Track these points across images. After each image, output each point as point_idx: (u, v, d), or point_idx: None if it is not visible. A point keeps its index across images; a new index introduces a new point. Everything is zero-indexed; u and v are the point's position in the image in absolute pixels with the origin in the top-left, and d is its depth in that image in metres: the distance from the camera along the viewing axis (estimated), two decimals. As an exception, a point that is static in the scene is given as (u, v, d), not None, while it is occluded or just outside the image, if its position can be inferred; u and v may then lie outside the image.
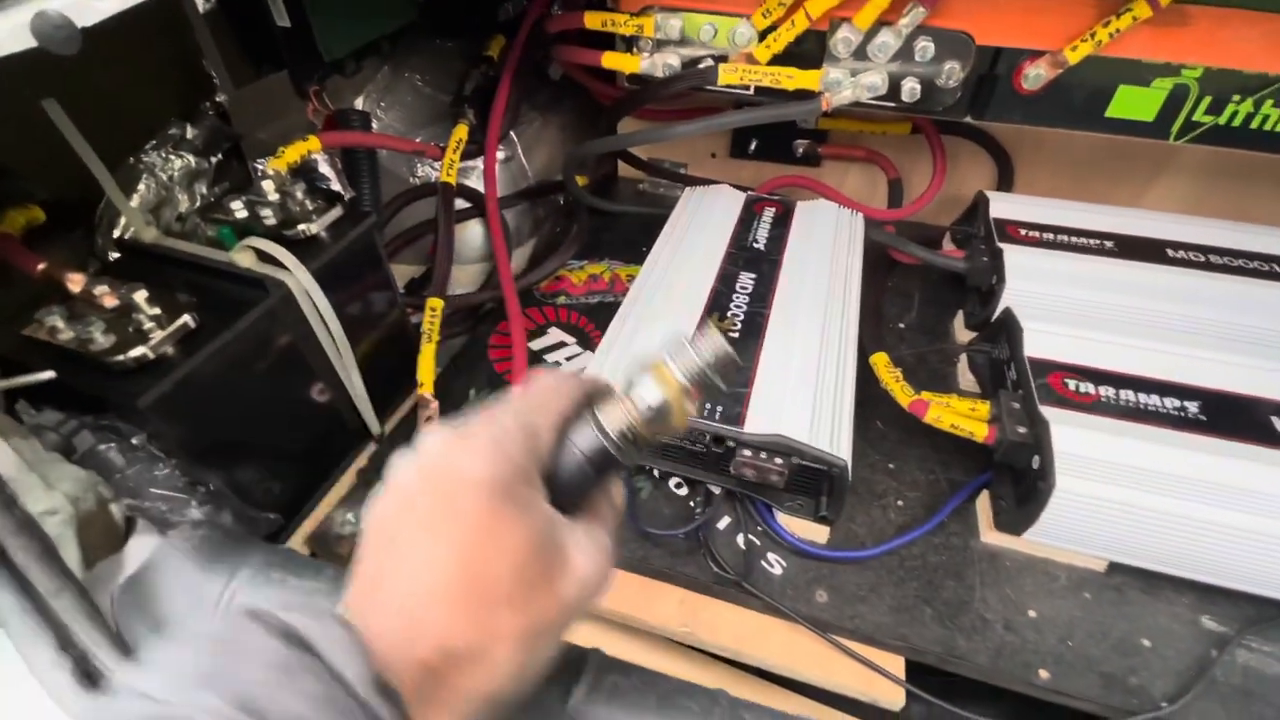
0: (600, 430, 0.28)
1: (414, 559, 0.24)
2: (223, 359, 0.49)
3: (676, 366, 0.28)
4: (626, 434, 0.28)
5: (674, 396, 0.27)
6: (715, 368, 0.28)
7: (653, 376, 0.28)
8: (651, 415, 0.28)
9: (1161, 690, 0.48)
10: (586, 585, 0.26)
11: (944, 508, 0.58)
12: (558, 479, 0.28)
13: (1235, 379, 0.57)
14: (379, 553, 0.25)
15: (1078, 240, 0.73)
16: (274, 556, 0.37)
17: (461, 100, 0.82)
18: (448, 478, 0.25)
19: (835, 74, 0.64)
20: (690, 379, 0.28)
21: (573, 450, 0.28)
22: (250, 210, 0.56)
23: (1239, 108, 0.59)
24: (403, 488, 0.26)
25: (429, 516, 0.24)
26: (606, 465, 0.28)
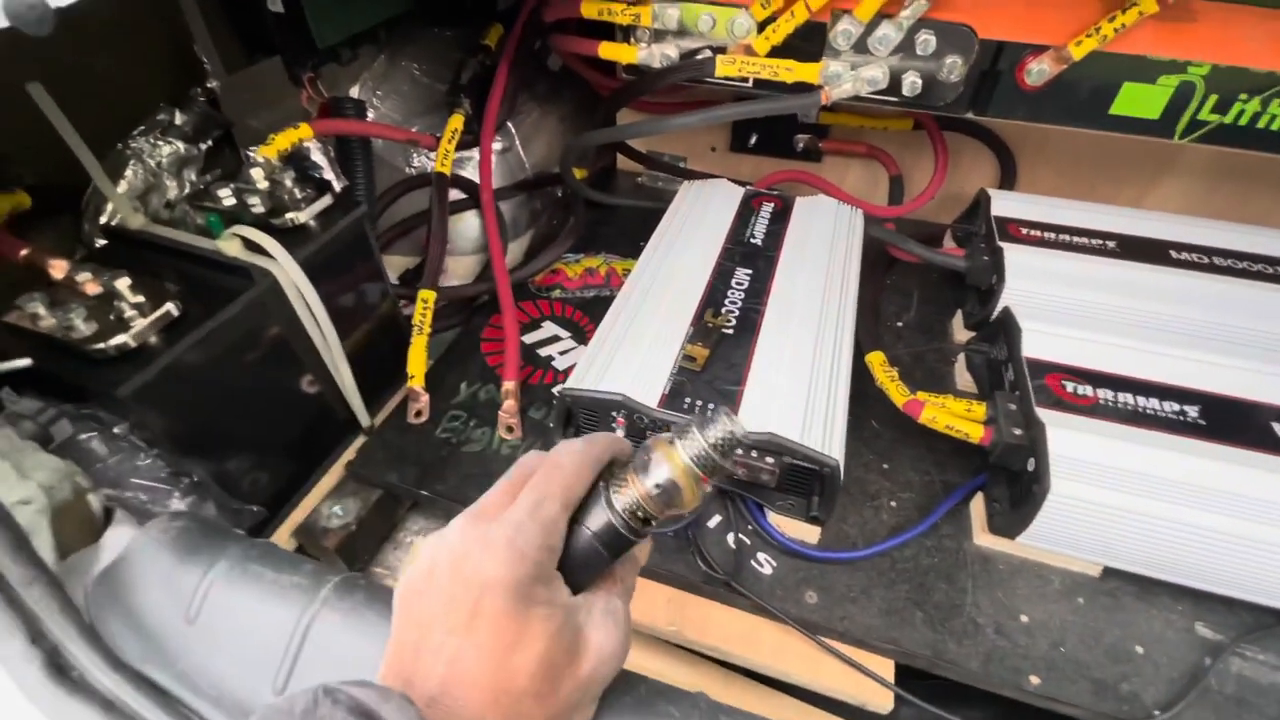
0: (611, 509, 0.29)
1: (444, 656, 0.26)
2: (207, 348, 0.49)
3: (683, 448, 0.28)
4: (637, 513, 0.28)
5: (681, 477, 0.28)
6: (721, 450, 0.28)
7: (662, 454, 0.28)
8: (659, 494, 0.28)
9: (1154, 698, 0.47)
10: (605, 660, 0.28)
11: (937, 509, 0.57)
12: (570, 561, 0.29)
13: (1236, 383, 0.56)
14: (412, 642, 0.27)
15: (1079, 240, 0.72)
16: (253, 550, 0.37)
17: (458, 89, 0.81)
18: (470, 579, 0.27)
19: (835, 67, 0.63)
20: (696, 461, 0.28)
21: (585, 532, 0.29)
22: (238, 198, 0.55)
23: (1246, 106, 0.58)
24: (432, 579, 0.28)
25: (455, 616, 0.26)
26: (618, 544, 0.29)
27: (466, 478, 0.60)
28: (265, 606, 0.34)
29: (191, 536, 0.37)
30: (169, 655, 0.34)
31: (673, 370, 0.57)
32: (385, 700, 0.24)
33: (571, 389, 0.56)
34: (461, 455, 0.62)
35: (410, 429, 0.64)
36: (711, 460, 0.28)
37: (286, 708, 0.24)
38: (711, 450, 0.28)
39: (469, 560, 0.27)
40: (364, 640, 0.32)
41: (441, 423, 0.65)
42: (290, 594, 0.34)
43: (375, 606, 0.33)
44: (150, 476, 0.46)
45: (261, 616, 0.34)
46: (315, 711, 0.23)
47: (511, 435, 0.63)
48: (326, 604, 0.33)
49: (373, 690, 0.24)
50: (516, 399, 0.64)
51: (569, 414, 0.58)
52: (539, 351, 0.74)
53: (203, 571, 0.35)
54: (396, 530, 0.64)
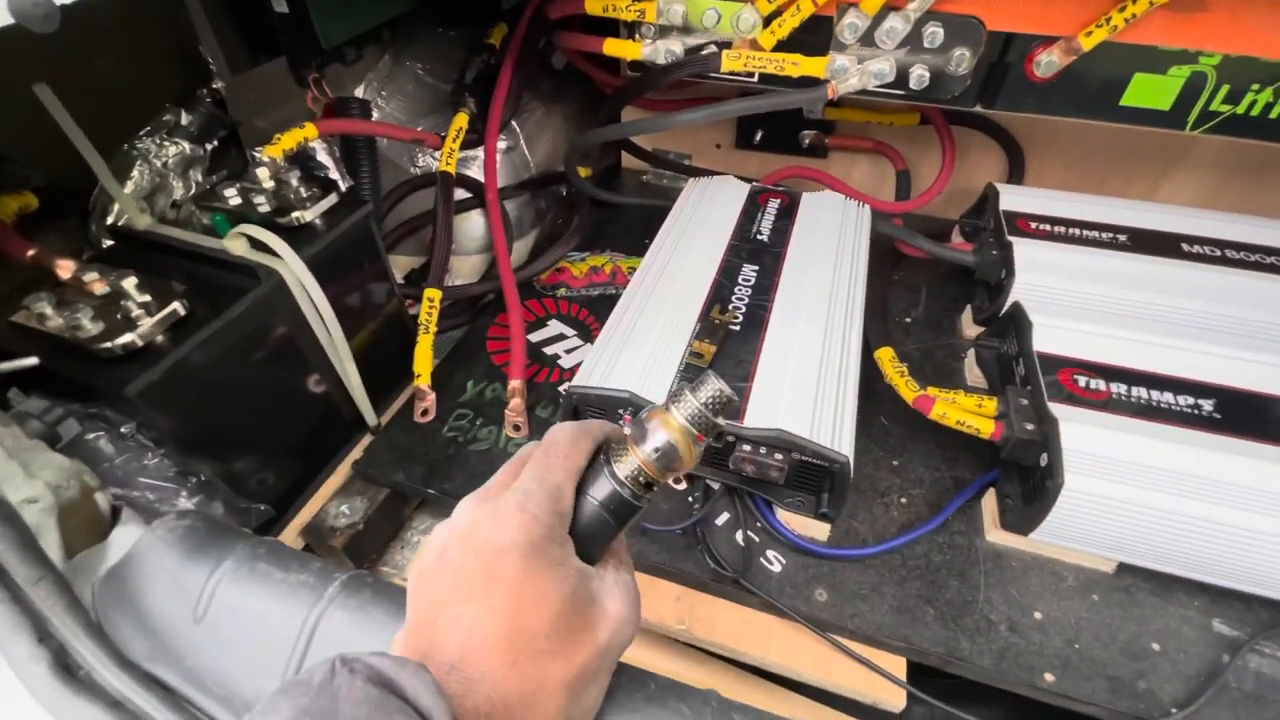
0: (614, 478, 0.30)
1: (461, 622, 0.26)
2: (214, 347, 0.48)
3: (678, 410, 0.30)
4: (639, 479, 0.30)
5: (679, 438, 0.29)
6: (714, 408, 0.30)
7: (658, 421, 0.30)
8: (659, 457, 0.29)
9: (1171, 695, 0.47)
10: (621, 628, 0.28)
11: (948, 506, 0.57)
12: (580, 530, 0.30)
13: (1251, 376, 0.55)
14: (427, 620, 0.27)
15: (1090, 234, 0.72)
16: (260, 548, 0.36)
17: (462, 88, 0.81)
18: (483, 548, 0.27)
19: (842, 61, 0.63)
20: (691, 420, 0.29)
21: (591, 501, 0.30)
22: (244, 197, 0.55)
23: (1258, 97, 0.57)
24: (443, 558, 0.28)
25: (471, 584, 0.26)
26: (624, 511, 0.30)
27: (473, 476, 0.59)
28: (272, 605, 0.34)
29: (198, 535, 0.37)
30: (176, 654, 0.34)
31: (680, 367, 0.56)
32: (401, 667, 0.24)
33: (578, 386, 0.56)
34: (468, 454, 0.62)
35: (417, 428, 0.64)
36: (705, 418, 0.30)
37: (305, 679, 0.23)
38: (704, 409, 0.29)
39: (479, 531, 0.28)
40: (372, 638, 0.32)
41: (448, 421, 0.65)
42: (297, 592, 0.34)
43: (382, 604, 0.33)
44: (158, 476, 0.46)
45: (269, 615, 0.33)
46: (333, 681, 0.23)
47: (518, 433, 0.63)
48: (334, 602, 0.33)
49: (388, 659, 0.24)
50: (523, 397, 0.63)
51: (576, 412, 0.57)
52: (545, 350, 0.74)
53: (209, 570, 0.35)
54: (404, 529, 0.64)
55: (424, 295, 0.67)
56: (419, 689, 0.23)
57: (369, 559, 0.60)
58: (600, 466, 0.30)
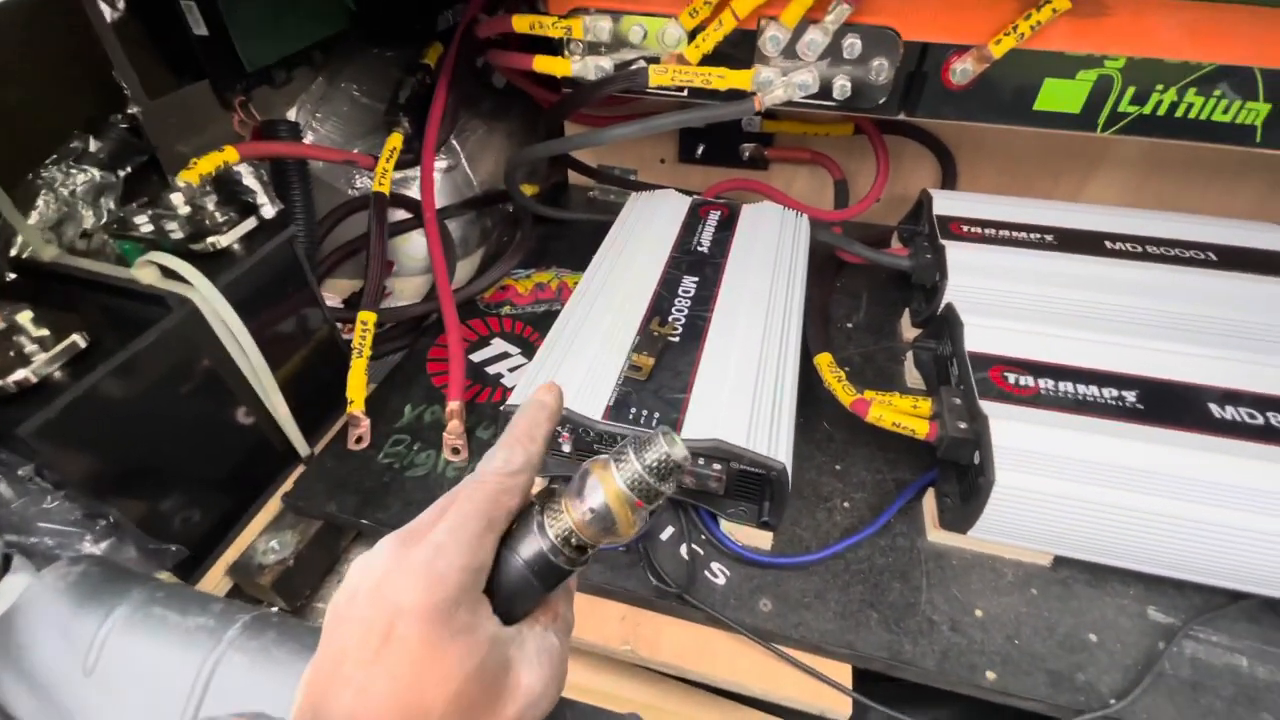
0: (544, 535, 0.26)
1: (353, 686, 0.24)
2: (121, 381, 0.46)
3: (618, 471, 0.26)
4: (570, 540, 0.26)
5: (615, 503, 0.26)
6: (658, 473, 0.26)
7: (597, 478, 0.26)
8: (593, 519, 0.26)
9: (1109, 686, 0.47)
10: (536, 702, 0.26)
11: (889, 508, 0.57)
12: (500, 589, 0.26)
13: (1172, 367, 0.57)
14: (326, 671, 0.25)
15: (1018, 235, 0.74)
16: (158, 592, 0.34)
17: (396, 108, 0.80)
18: (385, 604, 0.25)
19: (767, 73, 0.64)
20: (631, 485, 0.26)
21: (515, 560, 0.26)
22: (156, 224, 0.53)
23: (1163, 97, 0.60)
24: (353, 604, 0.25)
25: (368, 645, 0.24)
26: (551, 574, 0.27)
27: (409, 504, 0.58)
28: (167, 652, 0.32)
29: (91, 581, 0.35)
30: (65, 710, 0.32)
31: (618, 381, 0.56)
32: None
33: (514, 405, 0.54)
34: (404, 481, 0.60)
35: (350, 456, 0.62)
36: (648, 485, 0.26)
37: None
38: (647, 474, 0.26)
39: (386, 584, 0.25)
40: (273, 681, 0.30)
41: (384, 448, 0.63)
42: (194, 637, 0.32)
43: (286, 644, 0.32)
44: (60, 520, 0.44)
45: (162, 663, 0.31)
46: None
47: (457, 457, 0.61)
48: (233, 645, 0.31)
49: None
50: (462, 419, 0.62)
51: (513, 431, 0.56)
52: (487, 369, 0.73)
53: (101, 618, 0.33)
54: (340, 563, 0.62)
55: (358, 319, 0.65)
56: None
57: (302, 595, 0.58)
58: (531, 517, 0.27)
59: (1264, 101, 0.59)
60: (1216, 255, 0.71)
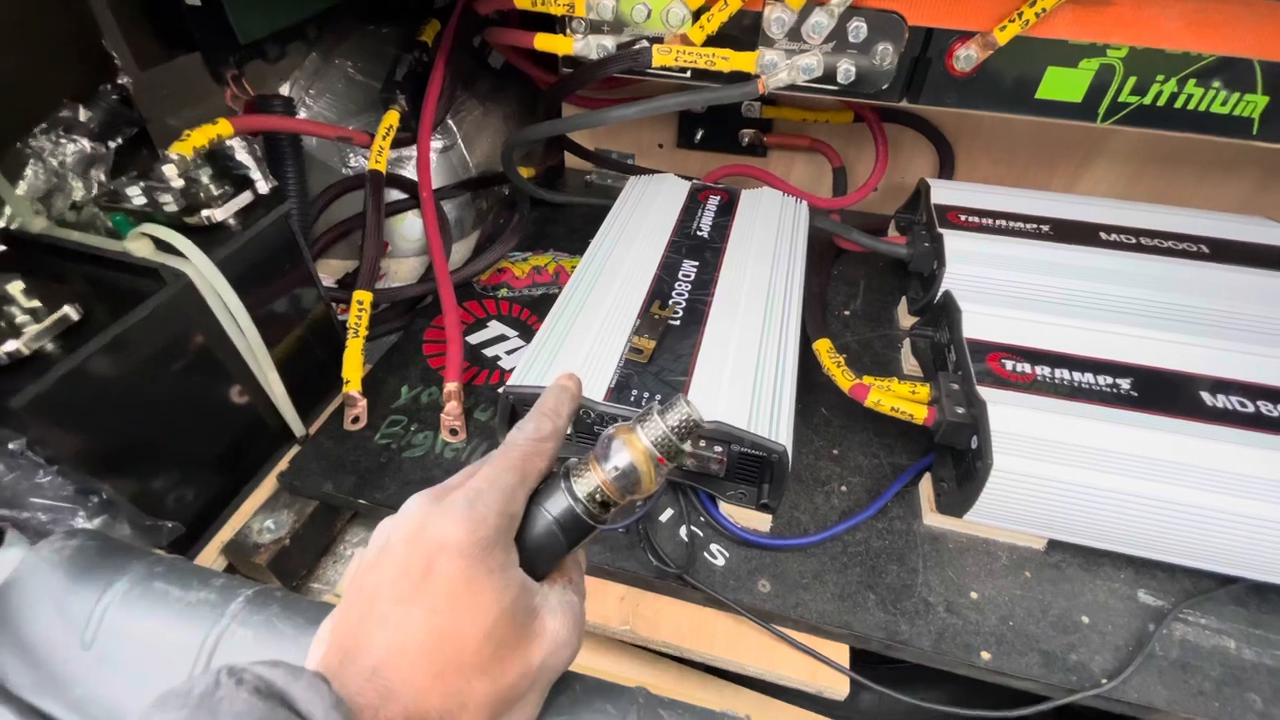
0: (570, 494, 0.29)
1: (390, 623, 0.25)
2: (114, 355, 0.45)
3: (643, 431, 0.29)
4: (596, 497, 0.29)
5: (641, 460, 0.28)
6: (680, 433, 0.29)
7: (621, 440, 0.29)
8: (618, 477, 0.28)
9: (1101, 666, 0.48)
10: (558, 649, 0.27)
11: (886, 492, 0.57)
12: (528, 543, 0.28)
13: (1165, 355, 0.57)
14: (357, 614, 0.25)
15: (1015, 225, 0.74)
16: (157, 566, 0.34)
17: (393, 85, 0.79)
18: (426, 543, 0.26)
19: (771, 56, 0.63)
20: (655, 444, 0.29)
21: (544, 515, 0.29)
22: (149, 197, 0.52)
23: (1163, 87, 0.60)
24: (385, 551, 0.26)
25: (407, 581, 0.25)
26: (577, 529, 0.29)
27: (407, 484, 0.57)
28: (168, 626, 0.31)
29: (87, 555, 0.34)
30: (63, 684, 0.31)
31: (619, 363, 0.55)
32: (295, 678, 0.22)
33: (515, 386, 0.54)
34: (402, 461, 0.59)
35: (347, 436, 0.61)
36: (671, 443, 0.29)
37: (185, 689, 0.21)
38: (671, 433, 0.29)
39: (426, 526, 0.26)
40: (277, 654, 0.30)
41: (381, 428, 0.62)
42: (197, 611, 0.31)
43: (291, 619, 0.31)
44: (52, 495, 0.43)
45: (164, 637, 0.31)
46: (215, 693, 0.21)
47: (455, 438, 0.61)
48: (236, 619, 0.31)
49: (282, 669, 0.22)
50: (460, 400, 0.61)
51: (513, 412, 0.56)
52: (485, 352, 0.72)
53: (99, 592, 0.33)
54: (335, 543, 0.61)
55: (353, 298, 0.65)
56: (313, 702, 0.21)
57: (298, 576, 0.57)
58: (558, 479, 0.29)
59: (1262, 94, 0.59)
60: (1208, 248, 0.72)
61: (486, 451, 0.60)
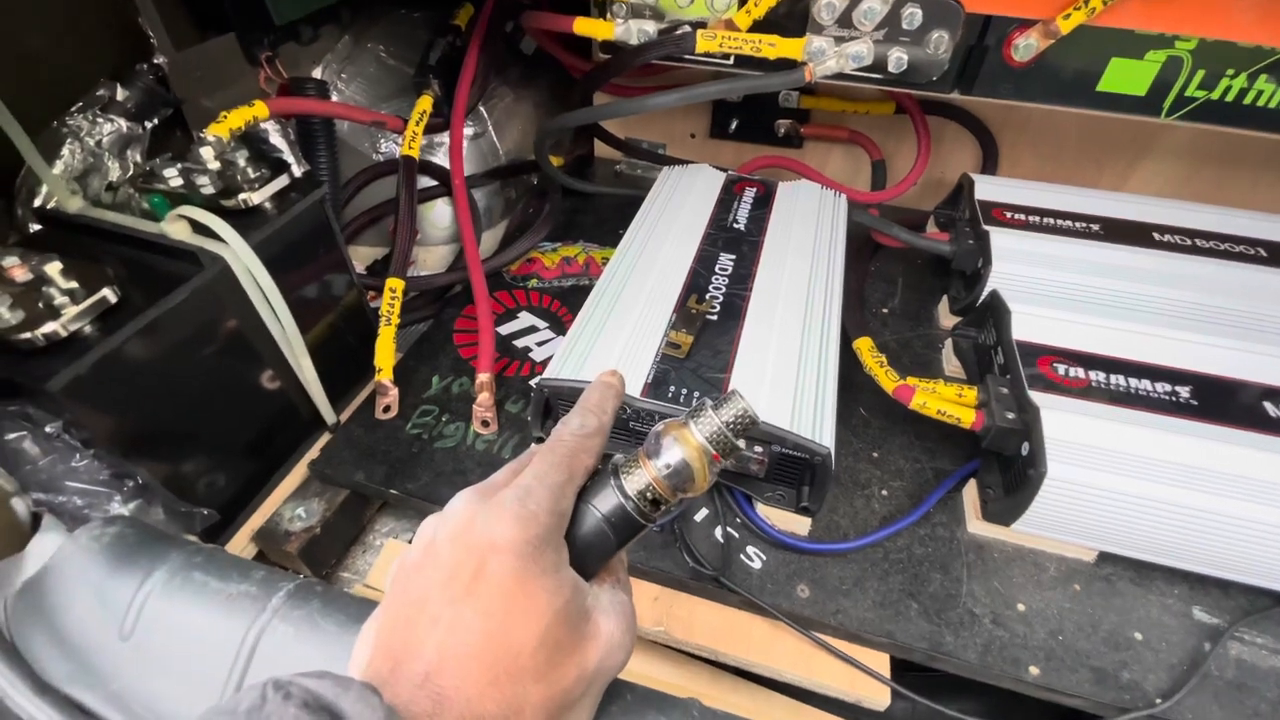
0: (621, 491, 0.28)
1: (441, 626, 0.24)
2: (151, 339, 0.45)
3: (697, 427, 0.28)
4: (647, 495, 0.28)
5: (694, 457, 0.28)
6: (735, 429, 0.28)
7: (674, 437, 0.28)
8: (670, 474, 0.28)
9: (1155, 685, 0.46)
10: (613, 651, 0.26)
11: (929, 497, 0.56)
12: (578, 541, 0.28)
13: (1224, 362, 0.55)
14: (405, 617, 0.25)
15: (1063, 223, 0.72)
16: (196, 556, 0.33)
17: (426, 70, 0.78)
18: (476, 542, 0.25)
19: (819, 43, 0.61)
20: (710, 440, 0.28)
21: (593, 512, 0.28)
22: (186, 179, 0.51)
23: (1233, 82, 0.57)
24: (432, 551, 0.26)
25: (457, 582, 0.24)
26: (627, 527, 0.28)
27: (439, 475, 0.56)
28: (209, 619, 0.30)
29: (126, 543, 0.33)
30: (100, 675, 0.31)
31: (656, 358, 0.54)
32: (345, 690, 0.21)
33: (549, 379, 0.53)
34: (433, 451, 0.58)
35: (378, 425, 0.61)
36: (727, 439, 0.28)
37: (231, 707, 0.21)
38: (726, 429, 0.28)
39: (475, 525, 0.25)
40: (319, 652, 0.29)
41: (412, 418, 0.61)
42: (237, 603, 0.31)
43: (333, 615, 0.30)
44: (88, 479, 0.43)
45: (204, 630, 0.30)
46: (262, 709, 0.20)
47: (487, 429, 0.60)
48: (277, 614, 0.30)
49: (329, 680, 0.21)
50: (491, 391, 0.60)
51: (547, 405, 0.55)
52: (515, 343, 0.71)
53: (139, 582, 0.32)
54: (365, 533, 0.60)
55: (385, 286, 0.64)
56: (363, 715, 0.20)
57: (327, 564, 0.57)
58: (606, 476, 0.28)
59: (1338, 90, 0.56)
60: (1266, 251, 0.69)
61: (519, 445, 0.60)
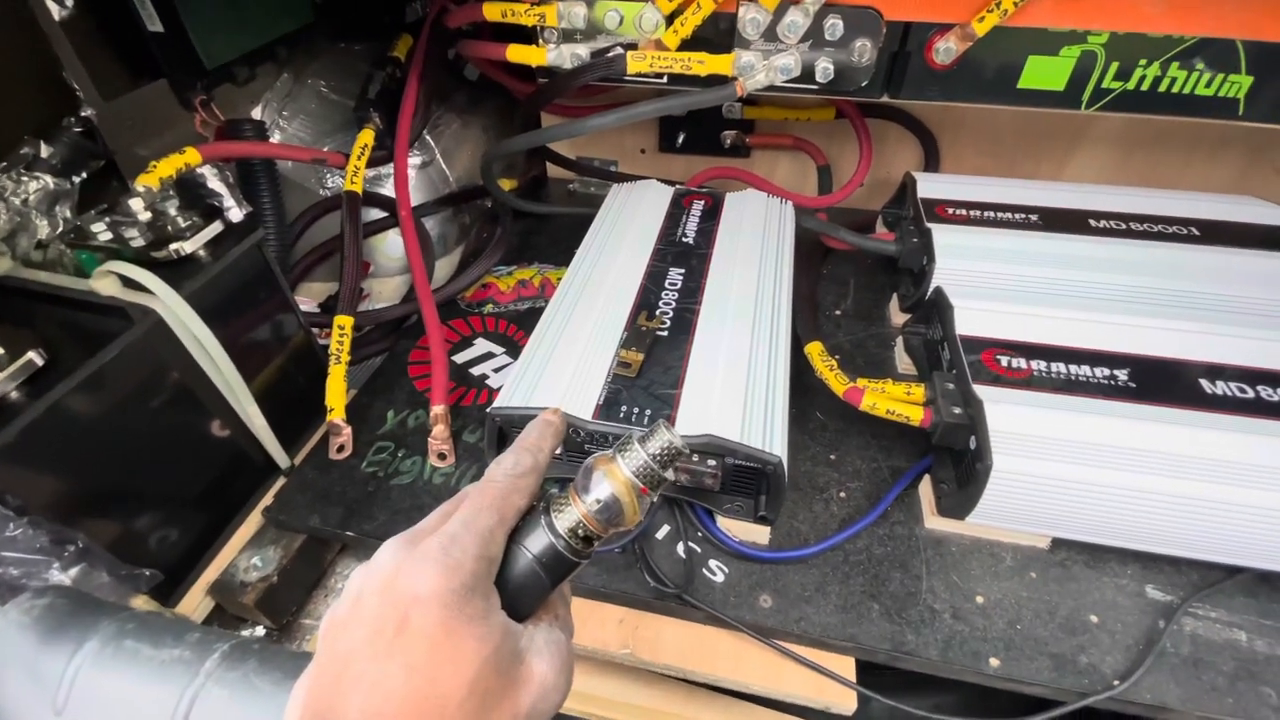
0: (551, 530, 0.28)
1: (365, 684, 0.23)
2: (85, 399, 0.44)
3: (624, 461, 0.28)
4: (579, 532, 0.28)
5: (623, 491, 0.28)
6: (662, 461, 0.28)
7: (603, 472, 0.28)
8: (600, 509, 0.28)
9: (1112, 667, 0.47)
10: (548, 693, 0.26)
11: (886, 497, 0.56)
12: (509, 584, 0.27)
13: (1161, 343, 0.57)
14: (330, 675, 0.24)
15: (1003, 215, 0.73)
16: (129, 623, 0.32)
17: (366, 104, 0.78)
18: (400, 595, 0.24)
19: (748, 57, 0.62)
20: (637, 474, 0.28)
21: (525, 554, 0.28)
22: (115, 232, 0.51)
23: (1146, 72, 0.59)
24: (358, 606, 0.25)
25: (381, 637, 0.24)
26: (560, 567, 0.28)
27: (396, 513, 0.56)
28: (141, 687, 0.30)
29: (58, 615, 0.33)
30: (34, 754, 0.30)
31: (607, 379, 0.54)
32: None
33: (501, 408, 0.53)
34: (390, 489, 0.58)
35: (333, 466, 0.60)
36: (653, 472, 0.28)
37: None
38: (652, 462, 0.28)
39: (399, 577, 0.25)
40: (256, 712, 0.29)
41: (367, 456, 0.61)
42: (171, 670, 0.30)
43: (269, 673, 0.30)
44: (25, 548, 0.41)
45: (137, 700, 0.30)
46: None
47: (444, 462, 0.60)
48: (211, 677, 0.30)
49: None
50: (447, 423, 0.60)
51: (501, 434, 0.55)
52: (472, 370, 0.71)
53: (70, 654, 0.31)
54: (327, 576, 0.60)
55: (334, 323, 0.63)
56: None
57: (288, 612, 0.56)
58: (538, 515, 0.28)
59: (1246, 74, 0.58)
60: (1199, 230, 0.71)
61: (478, 475, 0.59)
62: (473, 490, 0.29)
